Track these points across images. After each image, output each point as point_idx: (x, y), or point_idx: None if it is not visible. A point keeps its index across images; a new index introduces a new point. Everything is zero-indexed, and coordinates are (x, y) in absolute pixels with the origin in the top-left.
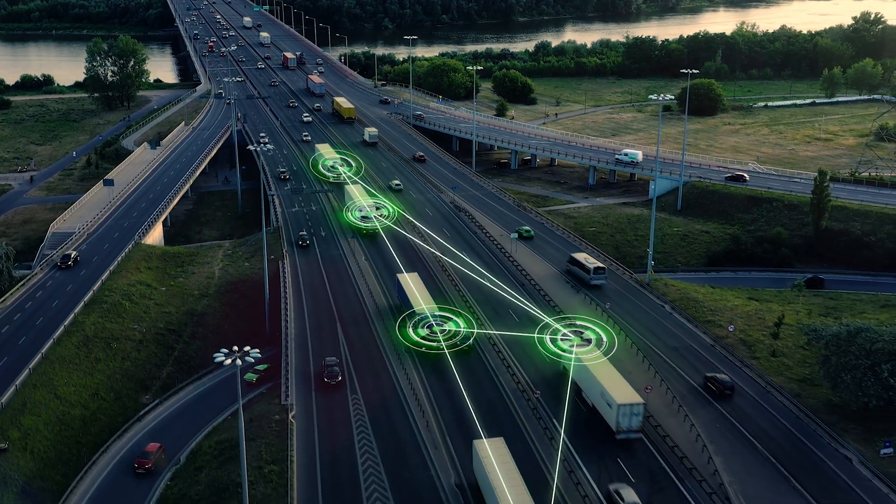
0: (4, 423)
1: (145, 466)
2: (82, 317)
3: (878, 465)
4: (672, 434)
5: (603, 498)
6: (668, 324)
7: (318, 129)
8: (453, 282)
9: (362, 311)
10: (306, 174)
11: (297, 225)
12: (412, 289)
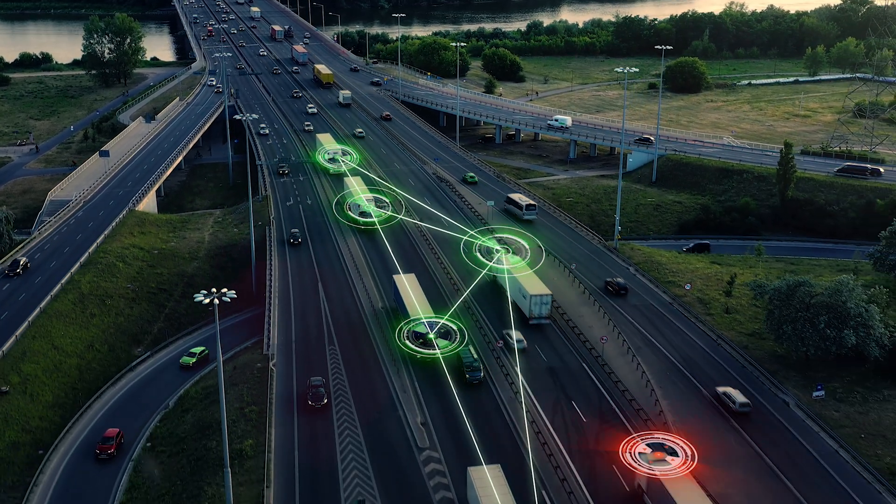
0: (5, 369)
1: (108, 451)
2: (78, 276)
3: (811, 407)
4: (624, 380)
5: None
6: (632, 284)
7: (306, 97)
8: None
9: (343, 271)
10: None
11: (284, 194)
12: (409, 293)
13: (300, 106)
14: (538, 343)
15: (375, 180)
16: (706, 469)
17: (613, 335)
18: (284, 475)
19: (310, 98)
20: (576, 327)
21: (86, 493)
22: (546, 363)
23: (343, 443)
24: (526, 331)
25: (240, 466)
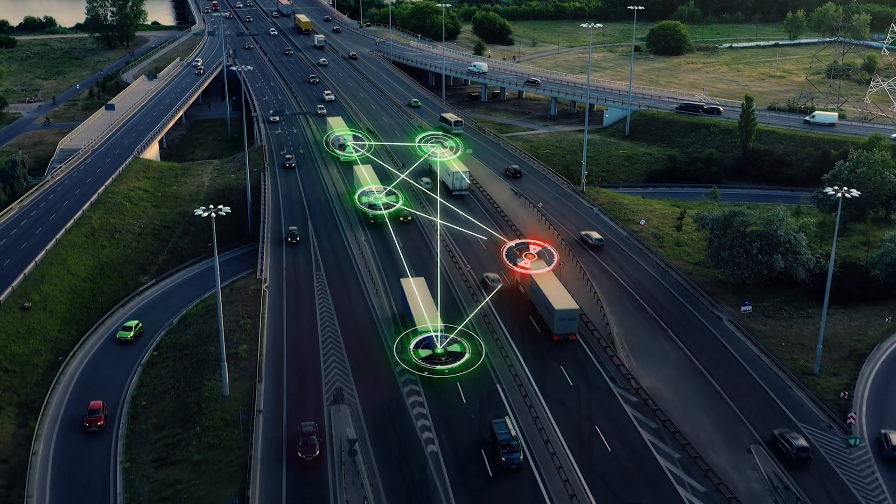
0: (27, 289)
1: (97, 424)
2: (89, 213)
3: (740, 321)
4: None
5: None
6: (594, 221)
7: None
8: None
9: (327, 201)
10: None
11: (278, 144)
12: (417, 299)
13: (296, 63)
14: None
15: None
16: (641, 369)
17: (571, 263)
18: (274, 374)
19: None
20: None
21: (101, 391)
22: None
23: (326, 350)
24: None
25: (235, 366)
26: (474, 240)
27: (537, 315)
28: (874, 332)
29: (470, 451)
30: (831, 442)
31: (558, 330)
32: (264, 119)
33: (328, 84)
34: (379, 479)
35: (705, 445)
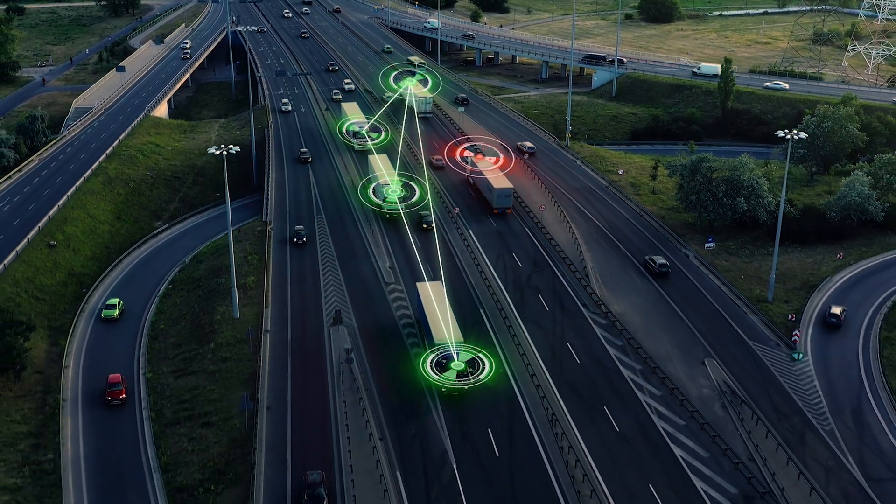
0: (52, 229)
1: (119, 397)
2: (105, 164)
3: (705, 257)
4: (556, 236)
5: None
6: (576, 172)
7: None
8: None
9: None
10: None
11: (280, 102)
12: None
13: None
14: None
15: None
16: (611, 297)
17: (553, 208)
18: (279, 300)
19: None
20: (517, 195)
21: (121, 318)
22: (496, 227)
23: (326, 275)
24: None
25: (244, 294)
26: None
27: (482, 196)
28: (826, 268)
29: None
30: (778, 357)
31: (497, 204)
32: (266, 77)
33: (347, 72)
34: (373, 383)
35: (664, 359)
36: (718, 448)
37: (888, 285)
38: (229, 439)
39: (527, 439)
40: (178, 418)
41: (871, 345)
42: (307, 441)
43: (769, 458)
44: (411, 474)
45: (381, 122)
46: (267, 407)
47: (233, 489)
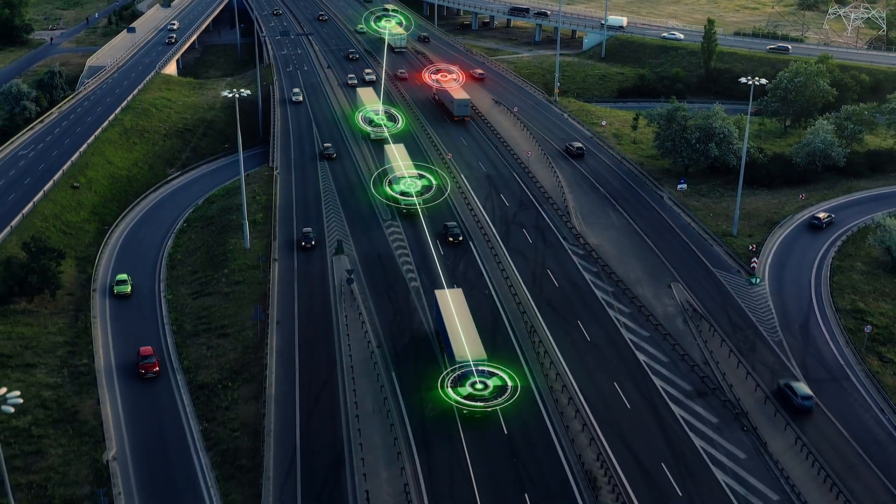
0: (75, 173)
1: (154, 370)
2: (121, 116)
3: (679, 198)
4: (541, 181)
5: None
6: (562, 124)
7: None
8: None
9: (329, 107)
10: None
11: (284, 62)
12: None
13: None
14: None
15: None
16: (589, 231)
17: (541, 155)
18: (286, 234)
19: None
20: (506, 144)
21: (141, 249)
22: (485, 172)
23: (328, 208)
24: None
25: (253, 228)
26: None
27: (444, 108)
28: (790, 207)
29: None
30: (737, 282)
31: (457, 113)
32: (271, 39)
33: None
34: (371, 302)
35: (634, 283)
36: (677, 354)
37: (846, 223)
38: (243, 347)
39: (507, 345)
40: (198, 331)
41: (824, 273)
42: (313, 347)
43: (721, 362)
44: (405, 372)
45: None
46: (277, 321)
47: (247, 386)
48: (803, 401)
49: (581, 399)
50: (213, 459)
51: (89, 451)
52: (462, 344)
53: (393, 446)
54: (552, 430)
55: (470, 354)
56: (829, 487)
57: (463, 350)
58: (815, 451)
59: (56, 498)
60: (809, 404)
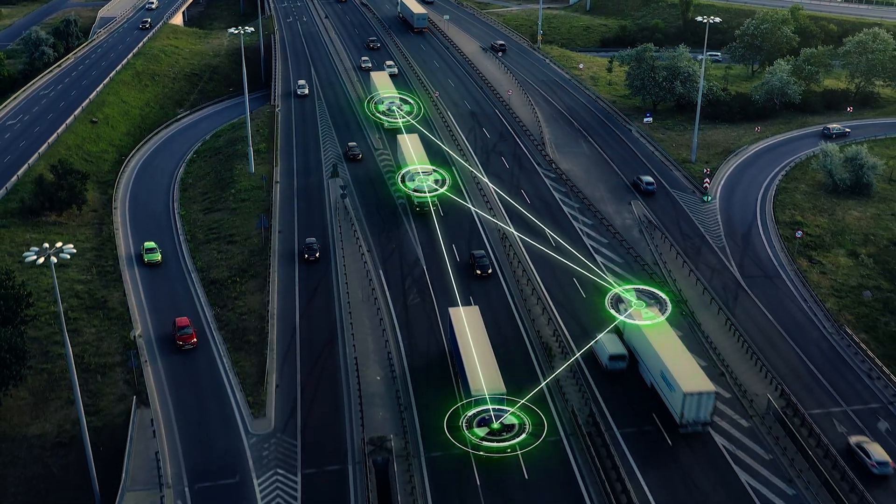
0: (93, 109)
1: (191, 342)
2: (133, 61)
3: (646, 130)
4: (521, 116)
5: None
6: (544, 69)
7: None
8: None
9: (322, 44)
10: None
11: (285, 13)
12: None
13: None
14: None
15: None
16: (562, 158)
17: (522, 95)
18: (286, 161)
19: None
20: (490, 85)
21: (156, 175)
22: (469, 109)
23: (325, 145)
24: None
25: (257, 157)
26: None
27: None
28: (746, 139)
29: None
30: (692, 200)
31: (416, 25)
32: None
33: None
34: (363, 217)
35: (598, 200)
36: (631, 256)
37: (796, 152)
38: (249, 251)
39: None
40: (209, 239)
41: (770, 193)
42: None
43: (669, 262)
44: (391, 272)
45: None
46: (279, 231)
47: (253, 281)
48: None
49: (543, 289)
50: (225, 336)
51: (118, 330)
52: (478, 376)
53: (379, 326)
54: (517, 315)
55: (486, 387)
56: (750, 356)
57: (479, 384)
58: (742, 329)
59: (92, 365)
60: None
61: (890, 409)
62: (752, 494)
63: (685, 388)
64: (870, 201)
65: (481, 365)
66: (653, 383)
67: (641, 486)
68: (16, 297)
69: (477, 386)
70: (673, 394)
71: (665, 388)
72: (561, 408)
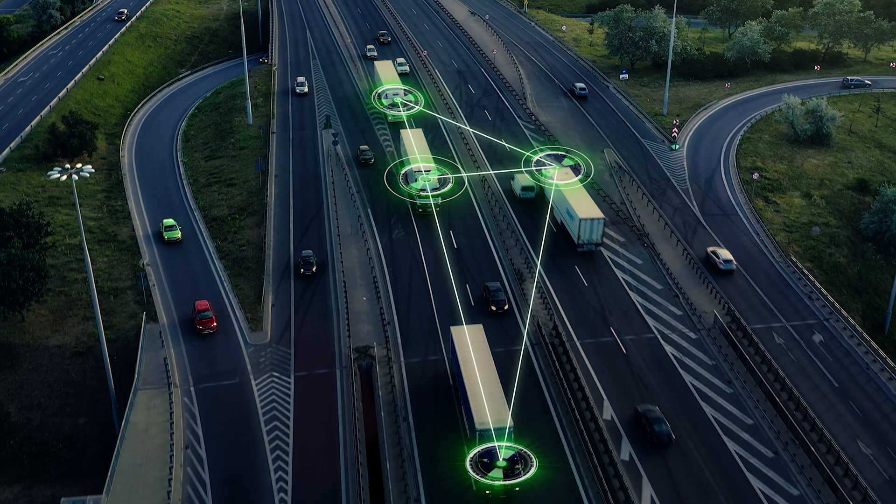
0: (100, 68)
1: (210, 326)
2: (136, 24)
3: (622, 87)
4: (505, 74)
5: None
6: (529, 31)
7: None
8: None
9: (318, 8)
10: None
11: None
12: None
13: None
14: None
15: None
16: (541, 112)
17: (506, 54)
18: (282, 115)
19: None
20: (477, 45)
21: (160, 128)
22: (456, 67)
23: (319, 101)
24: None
25: (255, 111)
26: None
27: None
28: (717, 94)
29: None
30: (661, 148)
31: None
32: None
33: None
34: (353, 161)
35: (573, 147)
36: (600, 196)
37: (763, 106)
38: (248, 192)
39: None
40: (210, 182)
41: (734, 143)
42: (305, 192)
43: (635, 202)
44: (378, 210)
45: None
46: (275, 175)
47: (251, 218)
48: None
49: (516, 222)
50: (225, 264)
51: (128, 259)
52: (484, 407)
53: (366, 255)
54: (492, 244)
55: (491, 419)
56: (703, 280)
57: (485, 417)
58: (696, 258)
59: (105, 288)
60: None
61: (825, 325)
62: (694, 392)
63: (580, 215)
64: (829, 151)
65: (486, 395)
66: (562, 221)
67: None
68: (36, 226)
69: (482, 419)
70: (573, 221)
71: (568, 219)
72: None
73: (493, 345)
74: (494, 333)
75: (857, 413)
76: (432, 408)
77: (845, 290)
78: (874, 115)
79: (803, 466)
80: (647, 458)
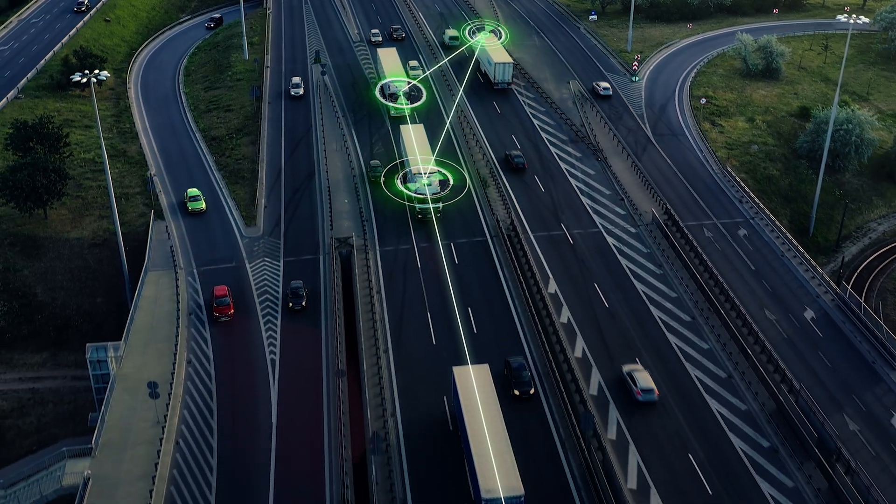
0: (105, 11)
1: (228, 313)
2: None
3: (592, 28)
4: (483, 14)
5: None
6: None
7: None
8: None
9: None
10: None
11: None
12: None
13: None
14: None
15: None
16: (514, 49)
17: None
18: (276, 50)
19: None
20: None
21: (163, 65)
22: (438, 11)
23: (309, 36)
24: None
25: (251, 48)
26: None
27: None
28: (679, 35)
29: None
30: (622, 80)
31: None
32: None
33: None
34: (340, 91)
35: (542, 80)
36: (562, 119)
37: (721, 45)
38: (244, 116)
39: (439, 113)
40: (209, 109)
41: (690, 75)
42: (296, 117)
43: (593, 124)
44: (361, 130)
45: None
46: (269, 102)
47: (247, 137)
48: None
49: (478, 125)
50: (223, 174)
51: (137, 171)
52: (491, 469)
53: (351, 174)
54: (477, 203)
55: (501, 487)
56: (646, 186)
57: (493, 483)
58: (644, 168)
59: (118, 193)
60: None
61: (751, 223)
62: (628, 272)
63: (495, 60)
64: (777, 83)
65: (496, 456)
66: (485, 70)
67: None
68: (55, 136)
69: (489, 486)
70: (490, 66)
71: (488, 65)
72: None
73: (458, 236)
74: (458, 225)
75: (767, 289)
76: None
77: (776, 198)
78: (823, 52)
79: (714, 326)
80: (582, 323)
